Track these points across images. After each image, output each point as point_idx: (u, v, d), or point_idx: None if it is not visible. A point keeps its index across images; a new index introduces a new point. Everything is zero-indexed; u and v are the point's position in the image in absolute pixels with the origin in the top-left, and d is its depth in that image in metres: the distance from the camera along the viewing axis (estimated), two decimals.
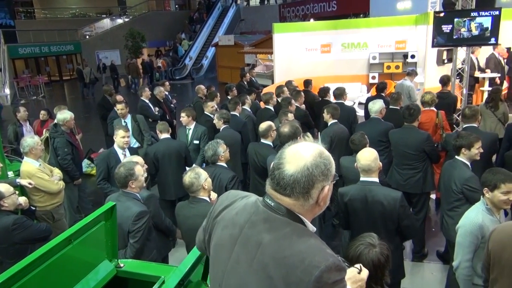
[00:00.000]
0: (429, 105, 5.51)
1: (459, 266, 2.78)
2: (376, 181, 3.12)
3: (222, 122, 5.45)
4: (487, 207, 2.72)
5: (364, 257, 1.91)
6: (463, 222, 2.77)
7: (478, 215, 2.71)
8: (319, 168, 1.34)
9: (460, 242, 2.76)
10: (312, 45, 12.55)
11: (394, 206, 2.99)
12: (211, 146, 3.90)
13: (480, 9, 7.40)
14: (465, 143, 3.53)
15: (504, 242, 2.37)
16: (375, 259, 1.91)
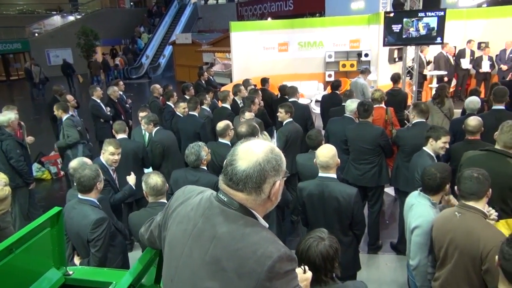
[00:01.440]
0: (378, 102, 5.70)
1: (419, 264, 2.84)
2: (333, 177, 3.19)
3: (152, 126, 5.32)
4: (433, 202, 2.85)
5: (313, 249, 1.95)
6: (419, 222, 2.80)
7: (429, 212, 2.81)
8: (270, 163, 1.39)
9: (419, 241, 2.81)
10: (269, 44, 12.67)
11: (349, 202, 3.07)
12: (193, 150, 3.69)
13: (427, 10, 7.77)
14: (434, 135, 3.70)
15: (445, 227, 2.53)
16: (324, 251, 1.95)
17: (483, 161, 3.21)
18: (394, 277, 4.40)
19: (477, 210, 2.41)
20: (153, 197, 3.09)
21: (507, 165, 3.09)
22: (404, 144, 4.48)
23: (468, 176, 2.45)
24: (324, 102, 7.31)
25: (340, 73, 12.44)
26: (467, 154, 3.45)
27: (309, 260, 1.96)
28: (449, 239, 2.48)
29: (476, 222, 2.38)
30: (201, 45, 18.32)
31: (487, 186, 2.42)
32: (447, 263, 2.54)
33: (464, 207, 2.45)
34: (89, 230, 2.91)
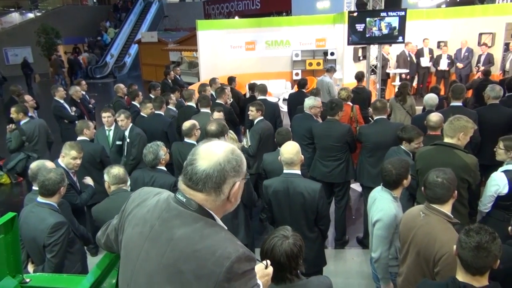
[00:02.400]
0: (345, 100, 5.80)
1: (380, 257, 2.91)
2: (298, 173, 3.22)
3: (130, 121, 5.36)
4: (394, 196, 2.93)
5: (277, 249, 1.96)
6: (380, 216, 2.87)
7: (390, 206, 2.86)
8: (231, 164, 1.38)
9: (380, 234, 2.88)
10: (236, 43, 12.66)
11: (314, 197, 3.11)
12: (151, 149, 3.63)
13: (388, 10, 7.98)
14: (406, 137, 3.81)
15: (410, 224, 2.60)
16: (288, 250, 1.96)
17: (433, 155, 3.36)
18: (360, 270, 4.50)
19: (441, 213, 2.46)
20: (115, 186, 3.18)
21: (455, 156, 3.24)
22: (366, 140, 4.58)
23: (432, 181, 2.49)
24: (291, 100, 7.38)
25: (307, 71, 12.59)
26: (420, 150, 3.58)
27: (273, 259, 1.97)
28: (411, 237, 2.55)
29: (437, 224, 2.44)
30: (168, 44, 18.05)
31: (451, 190, 2.47)
32: (407, 259, 2.63)
33: (429, 208, 2.51)
34: (46, 234, 2.81)
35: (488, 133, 4.79)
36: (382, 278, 2.99)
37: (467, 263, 1.91)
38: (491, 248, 1.87)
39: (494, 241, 1.89)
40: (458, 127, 3.32)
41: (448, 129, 3.37)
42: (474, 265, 1.90)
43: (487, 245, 1.86)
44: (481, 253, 1.86)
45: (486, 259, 1.87)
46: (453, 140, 3.33)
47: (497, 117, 5.05)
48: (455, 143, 3.34)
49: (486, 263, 1.88)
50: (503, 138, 3.31)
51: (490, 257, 1.87)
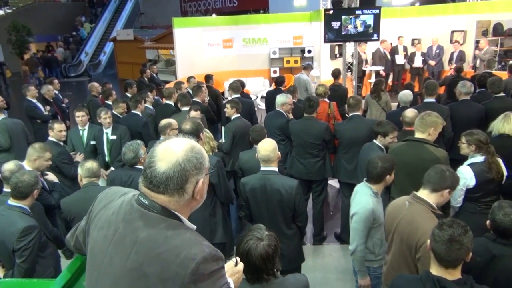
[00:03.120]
0: (322, 97, 5.86)
1: (356, 249, 2.95)
2: (275, 170, 3.22)
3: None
4: (374, 191, 2.97)
5: (252, 252, 1.95)
6: (357, 209, 2.91)
7: (368, 201, 2.90)
8: (191, 162, 1.35)
9: (356, 227, 2.92)
10: (214, 40, 12.59)
11: (291, 194, 3.12)
12: (131, 147, 3.55)
13: (363, 8, 8.08)
14: (382, 131, 3.86)
15: (394, 214, 2.68)
16: (263, 253, 1.95)
17: (405, 150, 3.44)
18: (339, 265, 4.55)
19: (426, 202, 2.52)
20: (87, 179, 3.24)
21: (426, 151, 3.33)
22: (342, 137, 4.63)
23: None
24: (269, 98, 7.37)
25: (285, 69, 12.64)
26: (392, 146, 3.64)
27: (249, 262, 1.96)
28: (395, 226, 2.62)
29: (421, 213, 2.50)
30: (144, 42, 17.77)
31: (448, 183, 2.54)
32: (392, 248, 2.69)
33: (415, 198, 2.57)
34: (15, 238, 2.72)
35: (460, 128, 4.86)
36: (359, 271, 3.03)
37: (441, 256, 1.95)
38: (463, 241, 1.91)
39: (466, 234, 1.93)
40: (429, 123, 3.39)
41: (419, 125, 3.44)
42: (447, 258, 1.93)
43: (459, 238, 1.91)
44: (453, 245, 1.91)
45: (458, 252, 1.92)
46: (424, 135, 3.40)
47: (468, 113, 5.18)
48: (426, 138, 3.41)
49: (458, 255, 1.93)
50: (464, 133, 3.40)
51: (462, 249, 1.91)
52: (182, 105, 5.68)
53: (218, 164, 3.37)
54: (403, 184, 3.46)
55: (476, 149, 3.29)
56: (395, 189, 3.60)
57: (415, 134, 3.48)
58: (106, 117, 5.17)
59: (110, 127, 5.24)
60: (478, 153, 3.29)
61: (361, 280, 3.07)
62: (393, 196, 3.61)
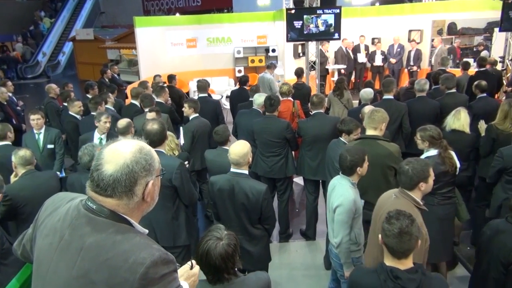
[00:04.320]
0: (286, 96, 5.91)
1: (341, 241, 2.98)
2: (245, 173, 3.20)
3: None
4: (352, 182, 3.04)
5: (212, 252, 1.93)
6: (340, 201, 2.96)
7: (350, 192, 2.97)
8: (140, 164, 1.32)
9: (341, 219, 2.96)
10: (177, 40, 12.43)
11: (258, 199, 3.10)
12: (86, 151, 3.45)
13: (324, 7, 8.22)
14: (346, 129, 3.93)
15: (381, 204, 2.81)
16: (223, 252, 1.94)
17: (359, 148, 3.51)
18: (304, 262, 4.61)
19: (410, 197, 2.66)
20: (22, 167, 3.42)
21: (379, 146, 3.43)
22: (305, 134, 4.69)
23: (400, 167, 2.73)
24: (233, 97, 7.37)
25: (250, 68, 12.67)
26: (346, 146, 3.72)
27: (209, 263, 1.95)
28: (380, 215, 2.69)
29: (404, 206, 2.57)
30: (105, 41, 17.29)
31: (414, 180, 2.64)
32: (374, 236, 2.76)
33: (401, 192, 2.71)
34: None
35: (417, 124, 5.01)
36: (344, 263, 3.06)
37: (393, 249, 2.04)
38: (412, 231, 2.02)
39: (413, 224, 2.04)
40: (380, 119, 3.50)
41: (370, 122, 3.54)
42: (400, 250, 2.03)
43: (408, 229, 2.01)
44: (404, 237, 2.01)
45: (409, 243, 2.02)
46: (376, 131, 3.51)
47: (424, 109, 5.39)
48: (377, 134, 3.51)
49: (410, 246, 2.03)
50: (418, 129, 3.53)
51: (412, 240, 2.02)
52: (145, 106, 5.57)
53: (181, 167, 3.31)
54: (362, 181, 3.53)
55: (429, 144, 3.42)
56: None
57: (367, 132, 3.58)
58: (107, 121, 4.87)
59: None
60: (432, 148, 3.42)
61: (348, 272, 3.08)
62: None
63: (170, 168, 3.24)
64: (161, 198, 3.23)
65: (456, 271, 4.24)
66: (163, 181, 3.28)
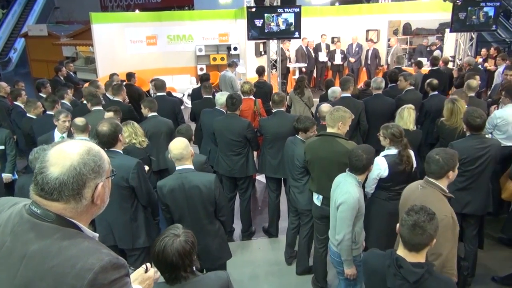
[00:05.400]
0: (248, 94, 5.92)
1: (343, 238, 2.99)
2: (190, 168, 3.17)
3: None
4: (358, 181, 3.07)
5: (169, 248, 1.90)
6: (345, 198, 2.97)
7: (355, 190, 2.98)
8: (88, 166, 1.28)
9: (344, 216, 2.98)
10: (137, 37, 12.16)
11: (210, 188, 3.10)
12: (37, 155, 3.28)
13: (284, 6, 8.30)
14: (302, 127, 3.97)
15: (407, 196, 2.88)
16: (180, 248, 1.92)
17: (318, 145, 3.59)
18: (267, 259, 4.63)
19: (437, 186, 2.71)
20: None
21: (337, 144, 3.50)
22: (266, 132, 4.72)
23: (429, 157, 2.77)
24: (195, 95, 7.28)
25: (212, 66, 12.59)
26: (306, 142, 3.79)
27: (166, 260, 1.91)
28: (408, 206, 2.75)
29: (432, 195, 2.68)
30: (60, 38, 16.59)
31: (445, 169, 2.69)
32: None
33: (427, 182, 2.75)
34: None
35: (374, 121, 5.26)
36: (345, 260, 3.09)
37: (405, 240, 2.09)
38: (426, 227, 2.03)
39: (431, 222, 2.05)
40: (337, 117, 3.56)
41: (329, 120, 3.61)
42: (411, 242, 2.06)
43: (423, 224, 2.03)
44: (416, 230, 2.03)
45: (421, 237, 2.04)
46: (334, 129, 3.58)
47: (380, 106, 5.57)
48: (336, 132, 3.59)
49: (421, 240, 2.05)
50: (382, 126, 3.63)
51: (425, 235, 2.03)
52: (92, 105, 5.34)
53: (138, 166, 3.24)
54: (319, 178, 3.61)
55: (390, 142, 3.52)
56: (313, 183, 3.74)
57: (327, 129, 3.65)
58: (66, 120, 4.61)
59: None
60: (393, 146, 3.52)
61: (348, 270, 3.11)
62: (311, 189, 3.78)
63: (126, 168, 3.17)
64: (119, 199, 3.21)
65: None
66: (120, 181, 3.22)
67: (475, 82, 5.59)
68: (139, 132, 4.22)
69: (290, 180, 4.19)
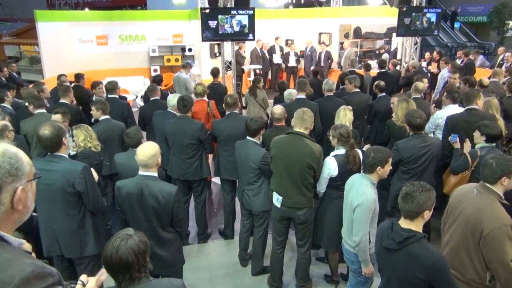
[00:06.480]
0: (201, 96, 5.87)
1: (361, 240, 3.00)
2: (154, 175, 3.09)
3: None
4: (373, 183, 3.08)
5: (123, 247, 1.83)
6: (362, 200, 2.97)
7: (370, 191, 3.00)
8: (3, 169, 1.21)
9: (361, 218, 2.99)
10: (86, 37, 11.73)
11: (169, 201, 3.02)
12: None
13: (238, 8, 8.31)
14: (257, 128, 4.00)
15: (460, 199, 2.87)
16: (135, 247, 1.85)
17: (285, 142, 3.63)
18: (224, 261, 4.60)
19: (494, 192, 2.69)
20: None
21: (304, 144, 3.56)
22: (219, 134, 4.69)
23: (484, 161, 2.79)
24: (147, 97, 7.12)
25: (166, 67, 12.38)
26: (274, 138, 3.82)
27: (120, 260, 1.84)
28: (460, 210, 2.80)
29: (488, 202, 2.67)
30: (1, 36, 15.63)
31: (497, 174, 2.68)
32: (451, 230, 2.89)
33: (483, 187, 2.74)
34: None
35: (327, 122, 5.38)
36: (364, 260, 3.10)
37: (400, 207, 2.34)
38: (417, 196, 2.25)
39: (423, 192, 2.25)
40: (307, 119, 3.62)
41: (299, 120, 3.65)
42: (402, 209, 2.32)
43: (414, 193, 2.25)
44: (407, 199, 2.27)
45: (411, 205, 2.26)
46: (302, 129, 3.63)
47: (332, 107, 5.69)
48: (303, 132, 3.65)
49: (411, 208, 2.27)
50: (332, 127, 3.73)
51: (414, 203, 2.25)
52: (34, 108, 5.08)
53: (85, 171, 3.11)
54: (280, 175, 3.64)
55: (338, 142, 3.61)
56: (274, 180, 3.76)
57: (295, 129, 3.68)
58: None
59: None
60: (341, 146, 3.61)
61: (366, 269, 3.14)
62: (271, 188, 3.80)
63: (72, 172, 3.04)
64: (64, 205, 3.08)
65: None
66: (66, 186, 3.08)
67: (421, 85, 5.89)
68: (93, 135, 4.08)
69: (242, 183, 4.19)
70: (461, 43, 19.86)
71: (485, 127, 3.71)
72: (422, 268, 2.20)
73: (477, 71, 9.21)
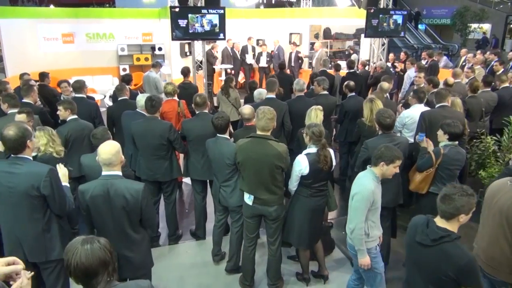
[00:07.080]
0: (171, 96, 5.81)
1: (355, 227, 3.10)
2: (118, 174, 3.02)
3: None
4: (376, 176, 3.14)
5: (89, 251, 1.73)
6: (359, 189, 3.08)
7: (370, 182, 3.08)
8: None
9: (357, 206, 3.09)
10: (51, 34, 11.38)
11: (137, 199, 2.96)
12: None
13: (208, 7, 8.28)
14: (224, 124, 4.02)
15: (494, 191, 2.98)
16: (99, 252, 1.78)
17: (250, 146, 3.63)
18: (195, 262, 4.56)
19: None
20: None
21: (269, 146, 3.57)
22: (189, 134, 4.65)
23: None
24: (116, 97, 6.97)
25: (135, 66, 12.17)
26: (238, 143, 3.81)
27: (84, 265, 1.77)
28: (495, 201, 2.91)
29: None
30: None
31: None
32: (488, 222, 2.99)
33: None
34: None
35: (297, 122, 5.44)
36: (358, 250, 3.15)
37: (438, 206, 2.41)
38: (455, 199, 2.32)
39: (461, 196, 2.32)
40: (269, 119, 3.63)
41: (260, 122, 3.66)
42: (440, 208, 2.39)
43: (453, 196, 2.33)
44: (445, 200, 2.35)
45: (448, 206, 2.33)
46: (265, 131, 3.64)
47: (302, 107, 5.76)
48: (267, 134, 3.65)
49: (448, 209, 2.34)
50: (306, 126, 3.77)
51: (451, 205, 2.33)
52: (9, 107, 4.91)
53: (51, 173, 3.00)
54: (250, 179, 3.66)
55: (310, 140, 3.66)
56: (244, 184, 3.76)
57: (257, 132, 3.68)
58: None
59: None
60: (313, 145, 3.66)
61: (361, 260, 3.17)
62: (243, 189, 3.80)
63: (37, 175, 2.93)
64: (28, 209, 2.99)
65: (333, 254, 4.64)
66: (30, 190, 2.98)
67: (386, 85, 6.05)
68: (56, 140, 3.94)
69: (218, 180, 4.15)
70: (426, 45, 20.56)
71: (448, 126, 3.85)
72: (454, 267, 2.32)
73: (441, 71, 9.55)
